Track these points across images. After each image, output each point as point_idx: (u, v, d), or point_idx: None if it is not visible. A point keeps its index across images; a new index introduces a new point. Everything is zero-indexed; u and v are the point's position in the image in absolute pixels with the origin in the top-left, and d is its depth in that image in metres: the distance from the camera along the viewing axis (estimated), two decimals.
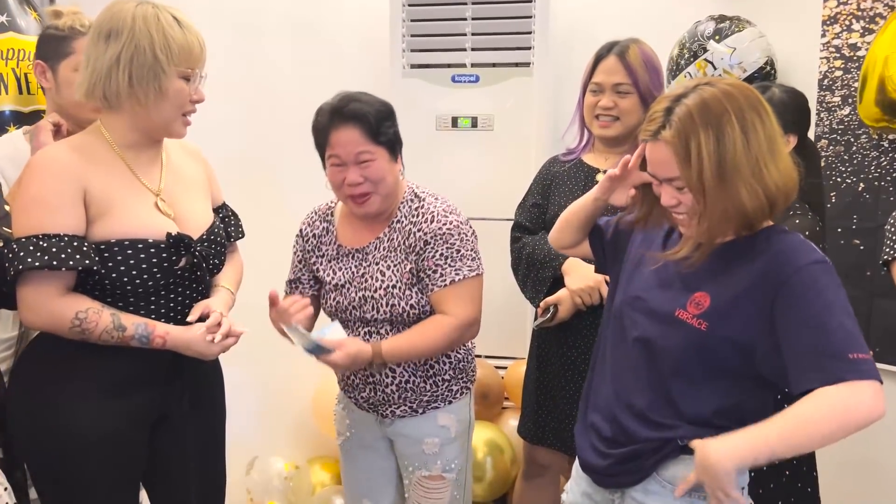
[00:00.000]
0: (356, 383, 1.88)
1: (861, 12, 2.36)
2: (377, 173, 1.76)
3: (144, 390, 1.59)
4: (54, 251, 1.45)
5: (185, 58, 1.54)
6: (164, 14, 1.53)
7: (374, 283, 1.81)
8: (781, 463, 1.73)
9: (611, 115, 2.08)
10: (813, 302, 1.25)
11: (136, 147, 1.60)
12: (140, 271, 1.53)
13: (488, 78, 2.75)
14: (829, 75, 2.43)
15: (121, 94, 1.52)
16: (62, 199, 1.48)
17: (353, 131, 1.75)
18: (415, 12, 2.79)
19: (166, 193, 1.63)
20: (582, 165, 2.18)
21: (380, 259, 1.83)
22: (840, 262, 2.41)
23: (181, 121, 1.60)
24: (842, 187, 2.41)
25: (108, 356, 1.54)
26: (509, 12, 2.71)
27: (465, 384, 1.94)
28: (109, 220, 1.52)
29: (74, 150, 1.55)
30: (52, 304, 1.48)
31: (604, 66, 2.09)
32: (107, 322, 1.50)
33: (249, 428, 2.89)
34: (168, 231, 1.56)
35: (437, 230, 1.80)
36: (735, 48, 2.41)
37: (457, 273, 1.79)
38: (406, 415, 1.87)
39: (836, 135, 2.43)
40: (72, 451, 1.52)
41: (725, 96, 1.28)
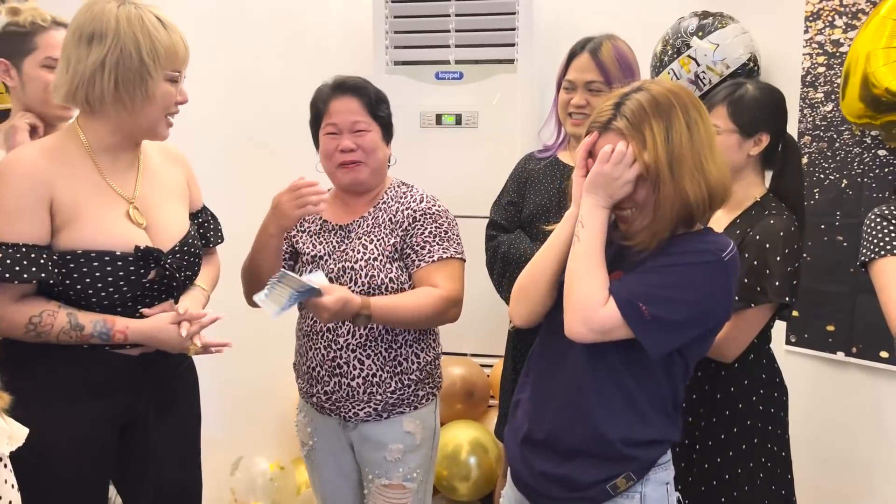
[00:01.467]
0: (321, 375, 1.84)
1: (844, 8, 2.36)
2: (370, 144, 1.83)
3: (110, 395, 1.56)
4: (9, 262, 1.42)
5: (171, 60, 1.51)
6: (147, 15, 1.49)
7: (354, 255, 1.81)
8: (755, 466, 1.73)
9: (583, 113, 2.06)
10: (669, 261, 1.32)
11: (114, 151, 1.56)
12: (106, 284, 1.49)
13: (472, 75, 2.74)
14: (811, 71, 2.44)
15: (105, 98, 1.48)
16: (25, 207, 1.44)
17: (352, 101, 1.84)
18: (398, 9, 2.77)
19: (140, 200, 1.59)
20: (558, 163, 2.17)
21: (362, 234, 1.85)
22: (823, 258, 2.42)
23: (165, 122, 1.57)
24: (825, 183, 2.41)
25: (71, 361, 1.52)
26: (493, 9, 2.71)
27: (431, 390, 1.91)
28: (76, 230, 1.48)
29: (45, 153, 1.50)
30: (6, 311, 1.46)
31: (577, 63, 2.08)
32: (63, 323, 1.47)
33: (234, 428, 2.86)
34: (137, 244, 1.52)
35: (427, 209, 1.85)
36: (718, 44, 2.41)
37: (444, 251, 1.82)
38: (370, 418, 1.83)
39: (819, 131, 2.43)
40: (36, 456, 1.45)
41: (671, 94, 1.36)
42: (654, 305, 1.29)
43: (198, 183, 1.80)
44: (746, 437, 1.73)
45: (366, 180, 1.85)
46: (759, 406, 1.74)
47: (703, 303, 1.31)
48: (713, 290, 1.32)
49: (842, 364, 2.42)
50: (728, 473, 1.72)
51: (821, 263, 2.43)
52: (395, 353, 1.83)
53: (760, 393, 1.75)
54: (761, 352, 1.77)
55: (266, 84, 2.98)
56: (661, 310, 1.29)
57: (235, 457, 2.94)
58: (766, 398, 1.75)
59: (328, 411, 1.87)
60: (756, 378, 1.75)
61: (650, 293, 1.30)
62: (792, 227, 1.70)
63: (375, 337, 1.81)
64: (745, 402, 1.73)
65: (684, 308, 1.30)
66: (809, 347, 2.48)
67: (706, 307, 1.32)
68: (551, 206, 2.11)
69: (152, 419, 1.64)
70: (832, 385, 2.45)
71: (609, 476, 1.38)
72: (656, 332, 1.29)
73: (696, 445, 1.74)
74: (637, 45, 2.62)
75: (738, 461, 1.73)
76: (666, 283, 1.31)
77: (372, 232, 1.84)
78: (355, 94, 1.84)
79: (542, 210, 2.12)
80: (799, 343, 2.50)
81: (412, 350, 1.86)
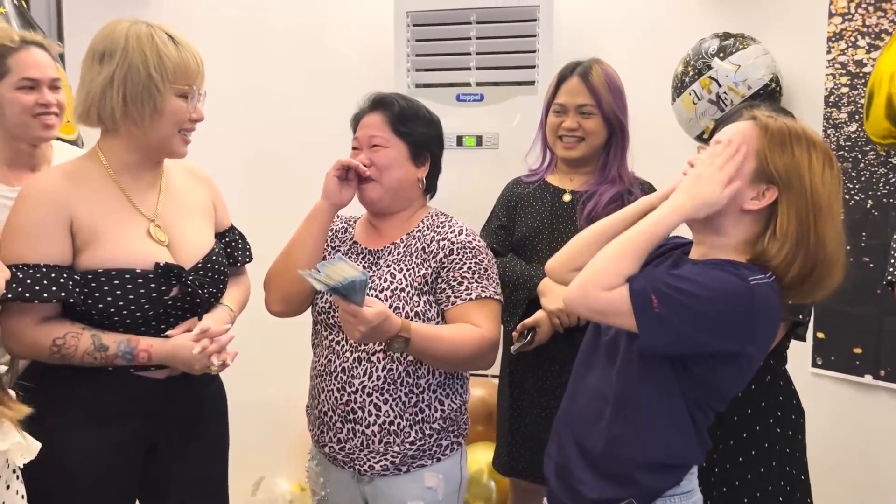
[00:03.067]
0: (333, 421, 1.67)
1: (866, 28, 2.35)
2: (384, 160, 1.72)
3: (134, 419, 1.55)
4: (29, 282, 1.43)
5: (181, 75, 1.52)
6: (158, 32, 1.51)
7: (381, 284, 1.68)
8: (774, 489, 1.70)
9: (575, 136, 2.06)
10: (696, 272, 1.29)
11: (134, 170, 1.58)
12: (127, 302, 1.50)
13: (493, 97, 2.75)
14: (835, 92, 2.42)
15: (116, 114, 1.50)
16: (45, 229, 1.46)
17: (375, 116, 1.76)
18: (420, 32, 2.80)
19: (162, 218, 1.59)
20: (547, 186, 2.15)
21: (392, 262, 1.72)
22: (850, 280, 2.37)
23: (179, 139, 1.57)
24: (850, 204, 2.39)
25: (96, 385, 1.52)
26: (513, 31, 2.72)
27: (455, 439, 1.73)
28: (97, 249, 1.50)
29: (65, 176, 1.53)
30: (31, 332, 1.47)
31: (567, 86, 2.07)
32: (87, 344, 1.48)
33: (256, 448, 2.87)
34: (157, 261, 1.53)
35: (466, 242, 1.72)
36: (739, 65, 2.40)
37: (483, 290, 1.68)
38: (388, 472, 1.65)
39: (843, 151, 2.41)
40: (60, 477, 1.49)
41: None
42: (667, 305, 1.23)
43: (225, 203, 1.80)
44: (765, 460, 1.70)
45: (378, 199, 1.74)
46: (777, 428, 1.71)
47: (716, 322, 1.25)
48: (730, 314, 1.26)
49: (869, 387, 2.38)
50: (747, 497, 1.69)
51: (847, 285, 2.35)
52: (416, 399, 1.66)
53: (778, 415, 1.72)
54: (778, 373, 1.75)
55: (288, 107, 3.02)
56: (672, 312, 1.23)
57: (257, 477, 2.94)
58: (784, 420, 1.73)
59: (341, 463, 1.69)
60: (773, 400, 1.73)
61: (666, 292, 1.24)
62: None
63: (395, 379, 1.65)
64: (762, 425, 1.71)
65: (695, 320, 1.24)
66: (836, 370, 2.44)
67: (717, 328, 1.25)
68: (543, 229, 2.10)
69: (177, 443, 1.62)
70: (859, 409, 2.41)
71: (614, 498, 1.35)
72: (657, 328, 1.24)
73: (715, 468, 1.72)
74: (657, 65, 2.65)
75: (757, 484, 1.70)
76: (686, 288, 1.25)
77: (402, 260, 1.71)
78: (380, 108, 1.75)
79: (533, 233, 2.10)
80: (825, 366, 2.46)
81: (436, 396, 1.69)
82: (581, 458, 1.40)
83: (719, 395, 1.36)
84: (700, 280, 1.25)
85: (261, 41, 2.99)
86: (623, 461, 1.35)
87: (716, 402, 1.37)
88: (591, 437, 1.39)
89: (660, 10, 2.76)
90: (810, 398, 1.87)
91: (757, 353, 1.33)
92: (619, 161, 2.09)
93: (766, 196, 1.29)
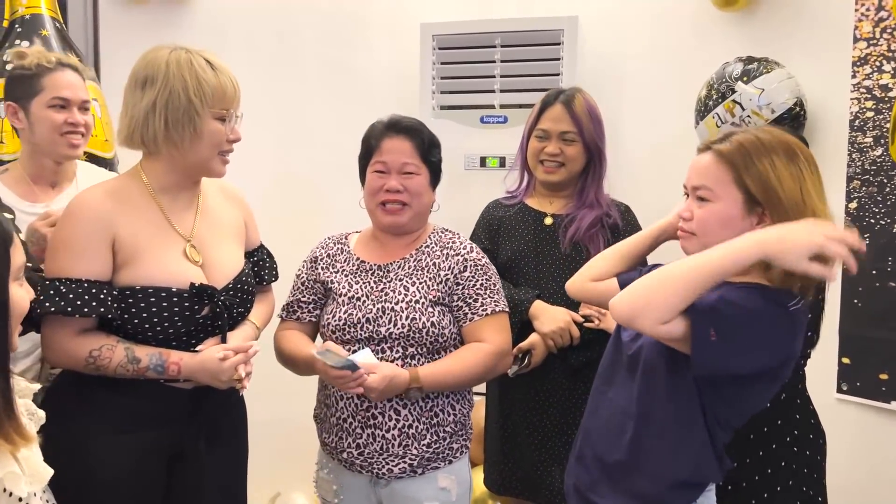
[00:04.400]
0: (353, 427, 1.74)
1: (892, 53, 2.35)
2: (417, 187, 1.81)
3: (161, 427, 1.60)
4: (71, 297, 1.49)
5: (219, 99, 1.58)
6: (196, 58, 1.57)
7: (395, 297, 1.76)
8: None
9: (556, 161, 2.12)
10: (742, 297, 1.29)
11: (174, 190, 1.64)
12: (161, 318, 1.55)
13: (517, 118, 2.78)
14: (860, 116, 2.42)
15: (158, 138, 1.57)
16: (88, 245, 1.52)
17: (405, 143, 1.82)
18: (444, 55, 2.84)
19: (197, 238, 1.65)
20: (528, 210, 2.19)
21: (403, 276, 1.80)
22: (875, 305, 2.37)
23: (219, 160, 1.63)
24: (875, 229, 2.37)
25: (125, 392, 1.57)
26: (537, 54, 2.75)
27: (464, 442, 1.84)
28: (136, 267, 1.55)
29: (109, 194, 1.59)
30: (68, 344, 1.53)
31: (550, 113, 2.14)
32: (121, 357, 1.53)
33: (272, 465, 2.88)
34: (192, 281, 1.58)
35: (478, 260, 1.83)
36: (763, 89, 2.41)
37: (496, 304, 1.80)
38: (404, 475, 1.74)
39: (868, 175, 2.40)
40: (89, 483, 1.53)
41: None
42: (721, 332, 1.23)
43: (255, 222, 1.85)
44: (781, 479, 1.69)
45: (406, 224, 1.83)
46: (794, 447, 1.70)
47: (760, 347, 1.26)
48: (772, 340, 1.27)
49: (895, 414, 2.35)
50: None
51: (873, 310, 2.38)
52: (431, 404, 1.76)
53: (795, 434, 1.71)
54: (794, 391, 1.74)
55: (317, 128, 3.07)
56: (726, 336, 1.23)
57: (273, 494, 2.96)
58: (801, 439, 1.72)
59: (358, 468, 1.76)
60: (790, 418, 1.72)
61: (721, 320, 1.24)
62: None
63: None
64: (778, 443, 1.70)
65: (744, 347, 1.25)
66: (861, 396, 2.41)
67: (760, 353, 1.27)
68: (528, 252, 2.14)
69: (202, 452, 1.66)
70: (885, 435, 2.37)
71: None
72: (712, 354, 1.24)
73: (729, 486, 1.71)
74: (680, 89, 2.66)
75: (773, 502, 1.69)
76: (738, 313, 1.25)
77: (414, 274, 1.80)
78: (409, 135, 1.82)
79: (518, 256, 2.14)
80: (851, 392, 2.43)
81: (448, 401, 1.79)
82: (602, 474, 1.40)
83: (743, 412, 1.38)
84: (748, 306, 1.26)
85: (292, 65, 3.05)
86: (644, 477, 1.36)
87: (736, 419, 1.38)
88: (612, 453, 1.40)
89: (684, 34, 2.77)
90: (835, 424, 1.85)
91: (785, 373, 1.35)
92: (597, 186, 2.16)
93: (765, 218, 1.31)
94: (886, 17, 2.35)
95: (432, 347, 1.75)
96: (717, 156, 1.34)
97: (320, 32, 3.07)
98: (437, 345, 1.76)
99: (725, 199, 1.33)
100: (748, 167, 1.31)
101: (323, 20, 3.06)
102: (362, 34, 3.08)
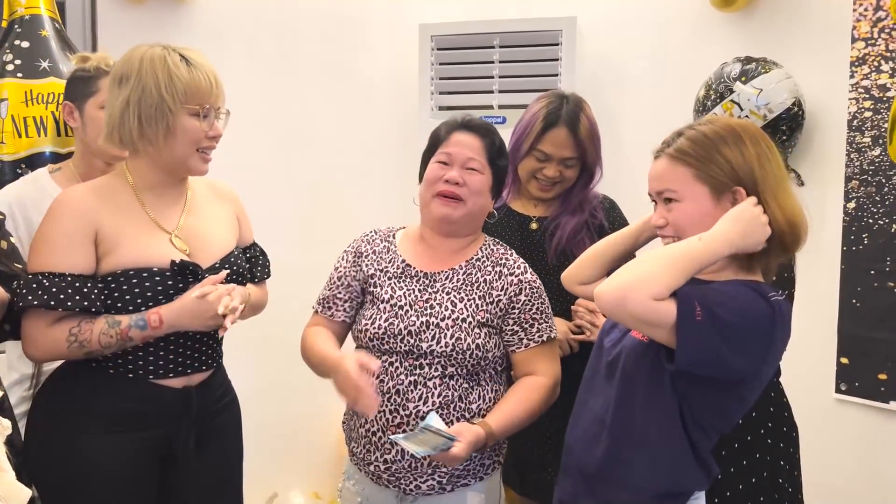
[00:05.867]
0: (383, 442, 1.66)
1: (890, 53, 2.35)
2: (477, 185, 1.72)
3: (151, 427, 1.59)
4: (54, 290, 1.48)
5: (193, 95, 1.57)
6: (171, 55, 1.57)
7: (441, 311, 1.67)
8: (766, 499, 1.70)
9: (553, 182, 2.07)
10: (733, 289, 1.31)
11: (158, 188, 1.64)
12: (146, 300, 1.54)
13: (515, 119, 2.73)
14: (858, 116, 2.42)
15: (133, 135, 1.57)
16: (72, 240, 1.52)
17: (475, 139, 1.74)
18: (443, 55, 2.84)
19: (183, 232, 1.64)
20: (513, 214, 2.15)
21: (451, 290, 1.70)
22: (874, 305, 2.37)
23: (198, 157, 1.62)
24: (874, 229, 2.38)
25: (116, 393, 1.56)
26: (536, 55, 2.76)
27: (496, 458, 1.75)
28: (117, 254, 1.55)
29: (92, 191, 1.60)
30: (47, 330, 1.51)
31: (554, 137, 2.03)
32: (101, 326, 1.51)
33: (269, 465, 2.89)
34: (172, 259, 1.57)
35: (533, 283, 1.75)
36: (762, 89, 2.41)
37: (551, 331, 1.74)
38: (433, 491, 1.66)
39: (867, 175, 2.40)
40: (79, 483, 1.53)
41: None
42: (707, 315, 1.23)
43: (248, 220, 1.84)
44: (756, 470, 1.70)
45: (458, 220, 1.72)
46: (768, 439, 1.71)
47: (745, 338, 1.26)
48: (757, 332, 1.28)
49: (893, 414, 2.35)
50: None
51: (871, 310, 2.38)
52: (467, 420, 1.65)
53: (769, 426, 1.72)
54: (770, 385, 1.74)
55: (315, 128, 3.07)
56: (710, 321, 1.24)
57: (270, 494, 2.96)
58: (775, 432, 1.73)
59: (385, 482, 1.68)
60: (764, 411, 1.72)
61: (708, 305, 1.25)
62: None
63: (448, 404, 1.65)
64: (753, 435, 1.71)
65: (731, 333, 1.25)
66: (860, 396, 2.41)
67: (746, 344, 1.27)
68: None
69: (193, 452, 1.65)
70: (884, 435, 2.37)
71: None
72: (695, 340, 1.24)
73: None
74: (679, 89, 2.67)
75: (748, 494, 1.69)
76: (724, 302, 1.27)
77: (462, 289, 1.70)
78: (480, 133, 1.75)
79: None
80: (849, 392, 2.43)
81: (483, 416, 1.68)
82: (583, 485, 1.41)
83: (727, 416, 1.37)
84: (733, 296, 1.28)
85: (291, 65, 3.05)
86: (625, 488, 1.35)
87: (721, 423, 1.38)
88: (590, 464, 1.40)
89: (682, 34, 2.77)
90: (834, 424, 1.86)
91: (769, 372, 1.36)
92: (581, 190, 2.11)
93: (738, 199, 1.34)
94: (884, 17, 2.36)
95: (473, 370, 1.68)
96: (672, 158, 1.38)
97: (319, 33, 3.07)
98: (478, 367, 1.68)
99: (692, 196, 1.35)
100: (704, 161, 1.34)
101: (322, 20, 3.06)
102: (361, 35, 3.09)
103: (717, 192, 1.34)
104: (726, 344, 1.24)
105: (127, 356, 1.57)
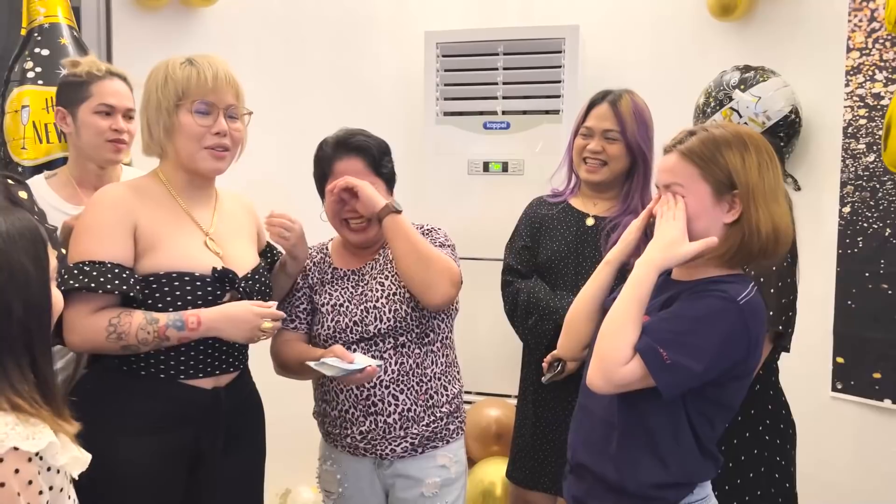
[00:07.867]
0: (356, 416, 1.82)
1: (884, 63, 2.42)
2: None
3: (182, 428, 1.61)
4: (94, 275, 1.52)
5: (185, 90, 1.61)
6: (175, 59, 1.64)
7: (374, 295, 1.83)
8: (763, 495, 1.76)
9: (598, 160, 2.11)
10: (688, 308, 1.38)
11: (188, 189, 1.69)
12: (185, 303, 1.58)
13: (519, 125, 2.84)
14: (853, 123, 2.48)
15: (151, 140, 1.66)
16: (112, 230, 1.57)
17: (357, 162, 1.85)
18: (448, 62, 2.90)
19: (216, 234, 1.69)
20: (571, 210, 2.19)
21: (376, 274, 1.87)
22: (869, 306, 2.43)
23: (205, 154, 1.64)
24: (868, 232, 2.44)
25: (148, 393, 1.60)
26: (540, 62, 2.81)
27: (459, 424, 1.93)
28: (157, 255, 1.59)
29: (131, 188, 1.66)
30: (88, 319, 1.54)
31: (596, 112, 2.13)
32: (140, 320, 1.53)
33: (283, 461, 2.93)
34: (214, 266, 1.62)
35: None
36: (760, 97, 2.47)
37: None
38: (406, 454, 1.83)
39: (861, 181, 2.47)
40: (108, 483, 1.52)
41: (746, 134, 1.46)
42: (673, 351, 1.32)
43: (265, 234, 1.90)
44: (754, 466, 1.76)
45: (375, 236, 1.87)
46: (766, 436, 1.77)
47: (719, 348, 1.34)
48: (729, 336, 1.35)
49: (889, 412, 2.41)
50: (736, 501, 1.75)
51: (866, 311, 2.44)
52: (426, 387, 1.84)
53: (767, 423, 1.78)
54: (767, 383, 1.81)
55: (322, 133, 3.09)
56: (680, 355, 1.32)
57: (282, 489, 3.00)
58: (773, 429, 1.79)
59: (362, 451, 1.84)
60: (762, 408, 1.78)
61: (671, 339, 1.33)
62: (784, 263, 1.75)
63: (407, 371, 1.82)
64: (751, 432, 1.77)
65: (702, 354, 1.33)
66: (856, 395, 2.48)
67: (722, 352, 1.34)
68: (568, 254, 2.13)
69: (220, 453, 1.67)
70: (879, 433, 2.43)
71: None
72: (672, 377, 1.33)
73: None
74: (679, 96, 2.72)
75: (745, 490, 1.76)
76: (686, 328, 1.35)
77: (386, 268, 1.87)
78: (359, 153, 1.85)
79: (559, 257, 2.14)
80: (845, 390, 2.50)
81: (440, 382, 1.86)
82: (597, 483, 1.47)
83: (729, 408, 1.44)
84: (695, 315, 1.35)
85: (299, 71, 3.11)
86: (637, 483, 1.41)
87: (725, 414, 1.44)
88: (601, 464, 1.45)
89: (682, 43, 2.84)
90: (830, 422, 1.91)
91: (755, 361, 1.44)
92: (642, 190, 2.14)
93: (736, 202, 1.40)
94: (879, 27, 2.42)
95: (421, 332, 1.83)
96: (682, 154, 1.44)
97: (327, 40, 3.13)
98: (425, 327, 1.83)
99: (696, 193, 1.42)
100: (711, 161, 1.41)
101: (329, 28, 3.12)
102: (368, 42, 3.14)
103: (717, 192, 1.41)
104: (701, 364, 1.32)
105: (159, 356, 1.60)
